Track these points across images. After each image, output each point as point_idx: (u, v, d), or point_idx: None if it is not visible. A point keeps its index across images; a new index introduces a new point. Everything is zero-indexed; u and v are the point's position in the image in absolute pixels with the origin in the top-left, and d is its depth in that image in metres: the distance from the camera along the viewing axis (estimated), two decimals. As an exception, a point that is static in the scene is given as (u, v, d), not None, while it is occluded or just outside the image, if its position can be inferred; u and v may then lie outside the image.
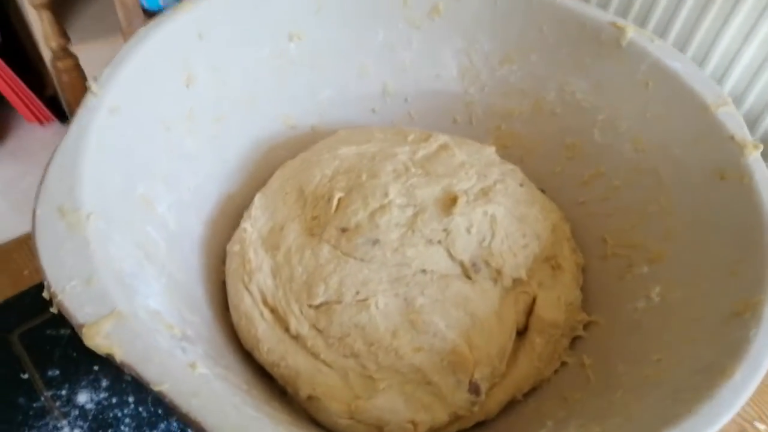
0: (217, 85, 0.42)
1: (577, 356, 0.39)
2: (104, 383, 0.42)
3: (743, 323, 0.29)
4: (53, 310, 0.26)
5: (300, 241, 0.38)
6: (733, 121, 0.38)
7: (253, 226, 0.40)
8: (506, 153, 0.47)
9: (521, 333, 0.40)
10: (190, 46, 0.40)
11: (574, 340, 0.40)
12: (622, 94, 0.44)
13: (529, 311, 0.40)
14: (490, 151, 0.44)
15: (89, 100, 0.33)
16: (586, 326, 0.40)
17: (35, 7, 0.71)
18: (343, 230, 0.38)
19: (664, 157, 0.41)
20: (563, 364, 0.39)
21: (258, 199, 0.41)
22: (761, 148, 0.36)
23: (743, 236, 0.33)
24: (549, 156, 0.48)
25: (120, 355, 0.25)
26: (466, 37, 0.48)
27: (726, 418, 0.26)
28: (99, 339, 0.25)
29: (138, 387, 0.42)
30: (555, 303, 0.39)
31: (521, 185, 0.43)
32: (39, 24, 0.75)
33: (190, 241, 0.39)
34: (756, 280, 0.31)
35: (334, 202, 0.39)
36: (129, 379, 0.42)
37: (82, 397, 0.40)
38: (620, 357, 0.36)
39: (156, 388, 0.24)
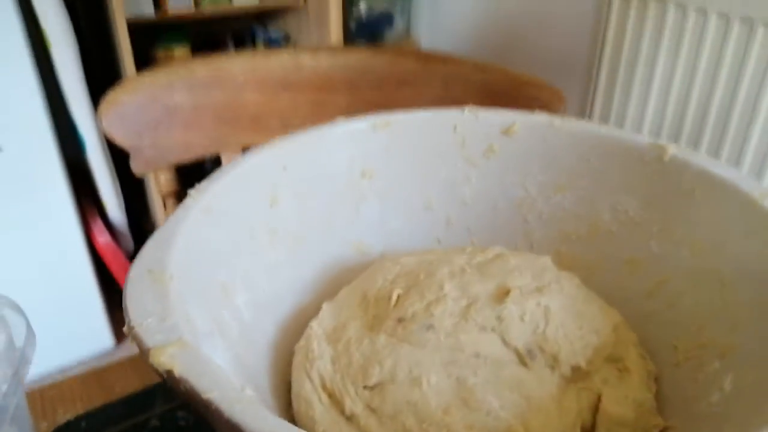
0: (297, 210, 0.48)
1: (652, 461, 0.36)
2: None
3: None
4: (129, 341, 0.30)
5: (359, 334, 0.40)
6: (780, 208, 0.39)
7: (319, 325, 0.42)
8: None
9: (589, 434, 0.38)
10: (276, 174, 0.47)
11: (649, 445, 0.37)
12: (671, 204, 0.46)
13: (595, 410, 0.38)
14: (546, 259, 0.46)
15: (187, 202, 0.40)
16: (662, 432, 0.38)
17: (163, 195, 0.84)
18: (400, 320, 0.40)
19: (721, 255, 0.41)
20: (638, 470, 0.36)
21: (325, 305, 0.44)
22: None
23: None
24: (610, 273, 0.48)
25: (179, 370, 0.27)
26: (520, 171, 0.53)
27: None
28: (163, 358, 0.28)
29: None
30: (622, 399, 0.38)
31: (578, 287, 0.44)
32: (163, 212, 0.88)
33: (262, 335, 0.42)
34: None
35: (393, 298, 0.41)
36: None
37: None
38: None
39: (205, 396, 0.26)
